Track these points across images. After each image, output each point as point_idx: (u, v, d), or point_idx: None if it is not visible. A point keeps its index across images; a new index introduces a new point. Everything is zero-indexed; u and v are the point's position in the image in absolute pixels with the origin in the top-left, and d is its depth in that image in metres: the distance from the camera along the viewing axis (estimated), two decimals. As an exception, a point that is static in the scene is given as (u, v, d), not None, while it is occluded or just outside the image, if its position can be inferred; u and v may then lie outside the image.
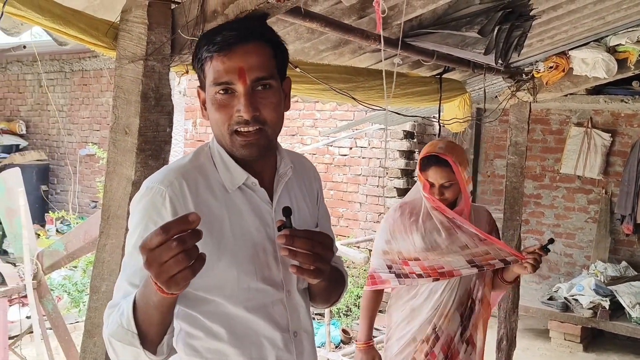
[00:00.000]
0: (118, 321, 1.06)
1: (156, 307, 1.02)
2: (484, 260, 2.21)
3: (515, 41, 2.15)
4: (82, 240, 3.51)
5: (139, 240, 1.09)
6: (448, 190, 2.20)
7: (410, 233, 2.25)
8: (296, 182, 1.35)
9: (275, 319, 1.24)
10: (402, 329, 2.33)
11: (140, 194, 1.18)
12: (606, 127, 5.50)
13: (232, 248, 1.19)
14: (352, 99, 2.40)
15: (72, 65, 8.64)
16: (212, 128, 1.21)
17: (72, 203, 8.13)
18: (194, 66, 1.22)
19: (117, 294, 1.16)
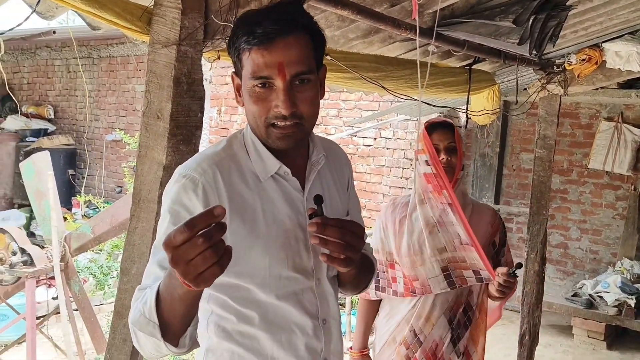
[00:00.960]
0: (141, 310, 1.06)
1: (181, 300, 1.00)
2: (458, 269, 2.13)
3: (550, 31, 2.10)
4: (108, 223, 3.57)
5: (169, 227, 1.12)
6: (453, 155, 2.15)
7: (400, 231, 2.20)
8: (328, 170, 1.34)
9: (305, 306, 1.24)
10: (383, 326, 2.27)
11: (173, 180, 1.18)
12: (637, 122, 5.38)
13: (264, 236, 1.19)
14: (381, 88, 2.38)
15: (99, 51, 8.74)
16: (248, 118, 1.21)
17: (97, 188, 8.26)
18: (229, 52, 1.21)
19: (148, 278, 1.16)
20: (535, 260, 3.72)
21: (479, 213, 2.27)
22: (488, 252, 2.21)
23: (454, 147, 2.16)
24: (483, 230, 2.23)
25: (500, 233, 2.29)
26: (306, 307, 1.25)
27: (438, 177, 2.15)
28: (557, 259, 5.84)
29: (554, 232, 5.75)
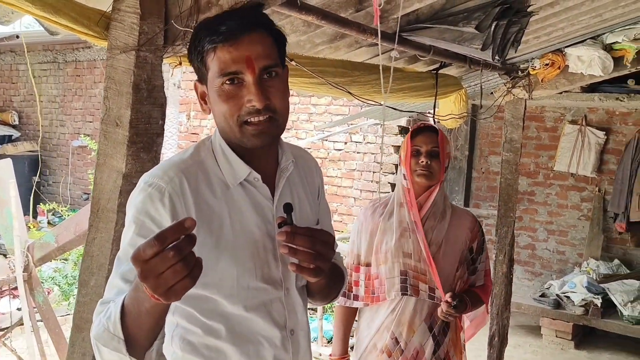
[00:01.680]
0: (104, 324, 1.03)
1: (148, 313, 0.98)
2: (415, 278, 2.14)
3: (512, 37, 2.13)
4: (73, 232, 3.48)
5: (135, 237, 1.09)
6: (435, 160, 2.15)
7: (375, 231, 2.22)
8: (298, 177, 1.33)
9: (273, 317, 1.22)
10: (363, 331, 2.27)
11: (139, 189, 1.14)
12: (600, 125, 5.51)
13: (232, 246, 1.16)
14: (348, 94, 2.38)
15: (65, 55, 8.57)
16: (218, 121, 1.18)
17: (63, 195, 8.08)
18: (190, 59, 1.19)
19: (110, 291, 1.12)
20: (503, 262, 3.77)
21: (459, 217, 2.28)
22: (464, 257, 2.24)
23: (436, 151, 2.16)
24: (463, 235, 2.25)
25: (478, 240, 2.29)
26: (274, 317, 1.22)
27: (410, 195, 2.17)
28: (525, 260, 5.93)
29: (522, 233, 5.84)
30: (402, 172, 2.23)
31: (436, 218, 2.21)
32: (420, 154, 2.17)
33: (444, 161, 2.17)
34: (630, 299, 4.73)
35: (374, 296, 2.21)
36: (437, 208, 2.21)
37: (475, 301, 2.22)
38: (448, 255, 2.20)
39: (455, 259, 2.22)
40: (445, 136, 2.21)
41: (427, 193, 2.20)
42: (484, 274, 2.33)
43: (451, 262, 2.20)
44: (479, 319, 2.53)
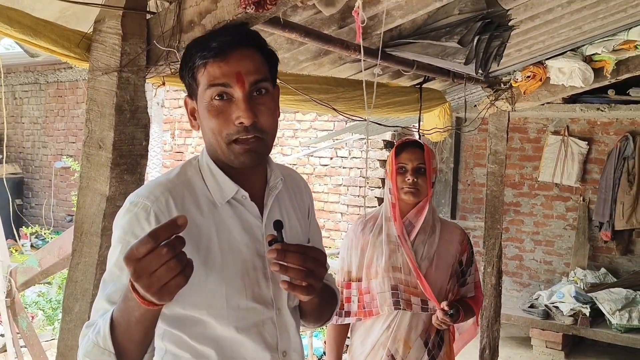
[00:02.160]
0: (94, 340, 1.01)
1: (138, 322, 0.97)
2: (407, 292, 2.13)
3: (494, 51, 2.15)
4: (56, 256, 3.42)
5: (121, 258, 1.04)
6: (421, 177, 2.14)
7: (365, 246, 2.21)
8: (287, 196, 1.31)
9: (265, 339, 1.20)
10: (357, 349, 2.24)
11: (125, 209, 1.13)
12: (583, 135, 5.57)
13: (220, 265, 1.14)
14: (332, 110, 2.38)
15: (47, 76, 8.51)
16: (207, 137, 1.16)
17: (47, 217, 7.97)
18: (182, 75, 1.18)
19: (95, 314, 1.10)
20: (492, 274, 3.77)
21: (449, 232, 2.28)
22: (454, 270, 2.25)
23: (422, 168, 2.15)
24: (453, 248, 2.25)
25: (467, 252, 2.30)
26: (266, 339, 1.20)
27: (395, 209, 2.18)
28: (513, 271, 5.94)
29: (509, 244, 5.86)
30: (389, 186, 2.22)
31: (426, 232, 2.20)
32: (406, 172, 2.16)
33: (431, 176, 2.16)
34: (618, 307, 4.75)
35: (366, 310, 2.19)
36: (427, 223, 2.20)
37: (467, 311, 2.22)
38: (440, 269, 2.19)
39: (447, 272, 2.21)
40: (431, 150, 2.20)
41: (416, 210, 2.19)
42: (475, 286, 2.33)
43: (443, 276, 2.20)
44: (468, 332, 2.52)
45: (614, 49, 3.24)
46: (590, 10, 2.60)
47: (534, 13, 2.46)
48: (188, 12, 1.37)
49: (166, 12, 1.39)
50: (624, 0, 2.58)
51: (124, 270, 1.05)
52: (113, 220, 1.32)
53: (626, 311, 4.74)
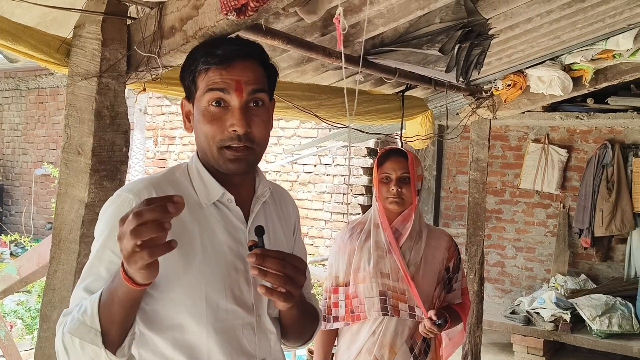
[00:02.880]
0: (80, 319, 1.03)
1: (121, 303, 1.00)
2: (395, 298, 2.14)
3: (475, 59, 2.18)
4: (35, 264, 3.37)
5: (102, 250, 1.11)
6: (405, 186, 2.15)
7: (352, 254, 2.21)
8: (274, 208, 1.33)
9: (243, 345, 1.19)
10: (342, 355, 2.24)
11: (109, 201, 1.17)
12: (563, 143, 5.65)
13: (200, 263, 1.15)
14: (315, 117, 2.38)
15: (27, 83, 8.41)
16: (199, 140, 1.19)
17: (26, 225, 7.86)
18: (182, 76, 1.21)
19: (73, 302, 1.12)
20: (474, 281, 3.80)
21: (436, 238, 2.28)
22: (441, 277, 2.25)
23: (406, 177, 2.15)
24: (440, 255, 2.25)
25: (455, 258, 2.30)
26: (244, 345, 1.19)
27: (382, 216, 2.19)
28: (495, 278, 5.99)
29: (491, 251, 5.91)
30: (375, 193, 2.23)
31: (413, 239, 2.21)
32: (390, 181, 2.16)
33: (415, 185, 2.17)
34: (598, 313, 4.80)
35: (353, 315, 2.19)
36: (414, 229, 2.20)
37: (454, 318, 2.22)
38: (426, 275, 2.19)
39: (434, 278, 2.21)
40: (416, 158, 2.20)
41: (401, 218, 2.20)
42: (462, 293, 2.33)
43: (430, 282, 2.20)
44: (457, 338, 2.52)
45: (592, 58, 3.29)
46: (568, 20, 2.64)
47: (513, 22, 2.49)
48: (169, 18, 1.37)
49: (147, 18, 1.39)
50: (602, 11, 2.63)
51: (102, 262, 1.10)
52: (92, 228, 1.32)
53: (606, 317, 4.79)
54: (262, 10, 1.26)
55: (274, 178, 6.46)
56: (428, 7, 2.04)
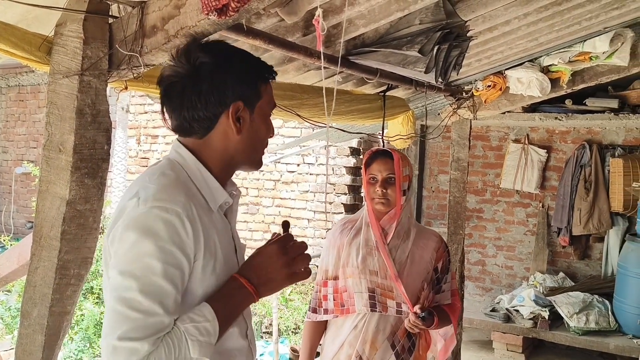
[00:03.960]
0: (208, 341, 1.14)
1: (238, 313, 1.24)
2: (383, 295, 2.17)
3: (454, 60, 2.22)
4: (16, 262, 3.35)
5: (167, 268, 1.12)
6: (391, 187, 2.18)
7: (341, 249, 2.25)
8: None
9: (241, 329, 1.34)
10: (328, 346, 2.28)
11: (153, 215, 1.12)
12: (542, 144, 5.73)
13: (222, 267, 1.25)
14: (297, 116, 2.41)
15: (7, 80, 8.31)
16: (250, 142, 1.29)
17: (6, 224, 7.76)
18: (244, 79, 1.26)
19: (145, 319, 1.09)
20: (455, 277, 3.84)
21: (425, 238, 2.30)
22: (429, 277, 2.26)
23: (391, 178, 2.18)
24: (427, 255, 2.26)
25: (444, 259, 2.30)
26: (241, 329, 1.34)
27: (371, 215, 2.23)
28: (476, 276, 6.06)
29: (472, 250, 5.98)
30: (363, 193, 2.27)
31: (400, 237, 2.23)
32: (376, 182, 2.19)
33: (401, 185, 2.19)
34: (575, 310, 4.89)
35: (343, 308, 2.23)
36: (402, 228, 2.23)
37: (443, 317, 2.22)
38: (412, 274, 2.22)
39: (420, 278, 2.23)
40: (402, 158, 2.21)
41: (387, 217, 2.23)
42: (451, 294, 2.32)
43: (416, 281, 2.21)
44: (449, 341, 2.52)
45: (569, 60, 3.36)
46: (545, 23, 2.70)
47: (492, 24, 2.54)
48: (151, 17, 1.38)
49: (129, 17, 1.40)
50: (578, 14, 2.69)
51: (168, 280, 1.12)
52: (73, 225, 1.33)
53: (583, 314, 4.88)
54: (242, 10, 1.28)
55: (257, 177, 6.47)
56: (408, 8, 2.07)
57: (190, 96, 1.22)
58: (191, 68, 1.22)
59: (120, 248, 1.13)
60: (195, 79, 1.22)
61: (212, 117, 1.24)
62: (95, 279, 4.42)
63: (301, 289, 5.64)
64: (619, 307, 4.92)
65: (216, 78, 1.22)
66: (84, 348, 4.17)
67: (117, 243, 1.14)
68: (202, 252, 1.18)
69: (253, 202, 6.47)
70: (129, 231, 1.12)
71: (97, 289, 4.37)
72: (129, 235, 1.12)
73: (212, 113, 1.24)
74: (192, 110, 1.23)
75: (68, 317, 1.40)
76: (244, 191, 6.56)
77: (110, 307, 1.12)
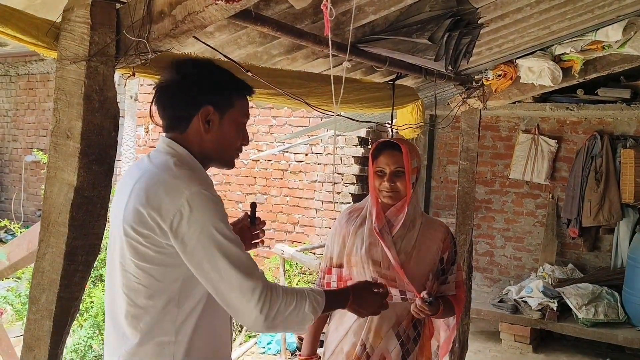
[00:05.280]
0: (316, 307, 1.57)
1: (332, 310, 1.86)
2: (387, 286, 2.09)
3: (464, 48, 2.19)
4: (25, 249, 3.38)
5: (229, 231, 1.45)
6: (400, 180, 2.15)
7: (346, 237, 2.25)
8: None
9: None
10: (332, 334, 2.28)
11: (205, 194, 1.42)
12: (552, 134, 5.69)
13: None
14: (305, 104, 2.39)
15: (17, 68, 8.34)
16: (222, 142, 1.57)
17: (16, 212, 7.82)
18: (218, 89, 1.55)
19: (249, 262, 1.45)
20: (462, 269, 3.83)
21: (432, 228, 2.28)
22: (435, 268, 2.24)
23: (400, 171, 2.15)
24: (434, 245, 2.25)
25: (450, 251, 2.28)
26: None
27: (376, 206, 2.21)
28: (484, 267, 6.04)
29: (480, 241, 5.96)
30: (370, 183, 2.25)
31: (406, 227, 2.21)
32: (384, 175, 2.16)
33: (410, 177, 2.15)
34: (584, 302, 4.87)
35: None
36: (408, 218, 2.21)
37: (447, 307, 2.21)
38: (419, 264, 2.20)
39: (426, 268, 2.21)
40: (412, 149, 2.18)
41: (394, 210, 2.21)
42: (456, 285, 2.30)
43: (422, 271, 2.19)
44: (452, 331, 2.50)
45: (582, 49, 3.31)
46: (558, 11, 2.66)
47: (503, 12, 2.50)
48: (158, 3, 1.37)
49: (136, 2, 1.39)
50: (591, 1, 2.64)
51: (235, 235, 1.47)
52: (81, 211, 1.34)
53: (592, 306, 4.86)
54: (251, -5, 1.27)
55: (266, 167, 6.46)
56: (418, -5, 2.05)
57: (172, 98, 1.54)
58: (178, 76, 1.53)
59: (192, 226, 1.39)
60: (179, 84, 1.53)
61: (187, 116, 1.53)
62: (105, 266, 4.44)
63: (309, 279, 5.65)
64: (628, 299, 4.89)
65: (194, 85, 1.52)
66: (94, 335, 4.20)
67: (185, 224, 1.38)
68: None
69: (261, 191, 6.47)
70: (195, 212, 1.39)
71: (106, 276, 4.38)
72: (195, 214, 1.39)
73: (187, 113, 1.53)
74: (171, 110, 1.55)
75: (76, 303, 1.40)
76: (252, 180, 6.56)
77: (213, 265, 1.40)
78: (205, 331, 1.52)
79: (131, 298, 1.46)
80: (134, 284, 1.45)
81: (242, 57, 2.17)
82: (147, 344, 1.45)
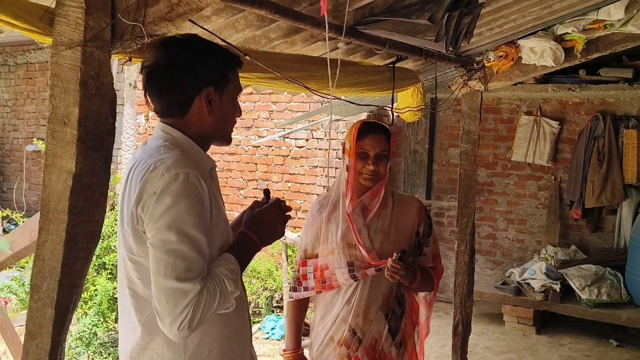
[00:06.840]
0: (236, 278, 1.43)
1: (250, 259, 1.55)
2: (362, 267, 2.15)
3: (464, 28, 2.16)
4: (28, 239, 3.38)
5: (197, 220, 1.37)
6: (382, 164, 2.14)
7: (320, 227, 2.23)
8: None
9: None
10: (318, 326, 2.27)
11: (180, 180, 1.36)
12: (555, 115, 5.65)
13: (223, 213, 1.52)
14: (304, 88, 2.37)
15: (16, 58, 8.30)
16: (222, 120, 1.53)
17: (18, 201, 7.83)
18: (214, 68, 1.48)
19: (190, 264, 1.35)
20: (465, 252, 3.83)
21: (405, 203, 2.29)
22: (412, 242, 2.26)
23: (385, 154, 2.14)
24: (410, 220, 2.26)
25: (424, 223, 2.29)
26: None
27: (350, 188, 2.18)
28: (487, 250, 6.05)
29: (482, 223, 5.95)
30: (346, 162, 2.18)
31: (381, 206, 2.21)
32: (367, 157, 2.13)
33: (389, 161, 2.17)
34: (587, 283, 4.87)
35: (325, 284, 2.22)
36: (383, 199, 2.21)
37: (426, 277, 2.21)
38: (396, 241, 2.20)
39: (404, 244, 2.21)
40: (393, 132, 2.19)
41: (370, 193, 2.20)
42: (433, 257, 2.31)
43: (399, 248, 2.16)
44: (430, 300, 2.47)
45: (584, 28, 3.27)
46: (559, -11, 2.62)
47: (504, -9, 2.47)
48: (153, -15, 1.35)
49: (131, -14, 1.37)
50: (593, -20, 2.61)
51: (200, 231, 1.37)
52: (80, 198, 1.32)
53: (595, 287, 4.86)
54: (247, -24, 1.25)
55: (267, 153, 6.45)
56: (418, -25, 2.02)
57: (168, 83, 1.45)
58: (169, 59, 1.43)
59: (156, 210, 1.34)
60: (172, 68, 1.44)
61: (188, 100, 1.47)
62: (108, 254, 4.45)
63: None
64: (631, 279, 4.89)
65: (190, 68, 1.45)
66: (98, 322, 4.23)
67: (152, 207, 1.35)
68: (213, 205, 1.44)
69: (262, 177, 6.46)
70: (163, 196, 1.34)
71: (110, 264, 4.40)
72: (164, 199, 1.34)
73: (187, 97, 1.47)
74: (170, 95, 1.46)
75: (77, 291, 1.40)
76: (253, 167, 6.55)
77: (157, 259, 1.34)
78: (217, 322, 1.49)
79: (132, 289, 1.47)
80: (131, 275, 1.47)
81: (240, 41, 2.15)
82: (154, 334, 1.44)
